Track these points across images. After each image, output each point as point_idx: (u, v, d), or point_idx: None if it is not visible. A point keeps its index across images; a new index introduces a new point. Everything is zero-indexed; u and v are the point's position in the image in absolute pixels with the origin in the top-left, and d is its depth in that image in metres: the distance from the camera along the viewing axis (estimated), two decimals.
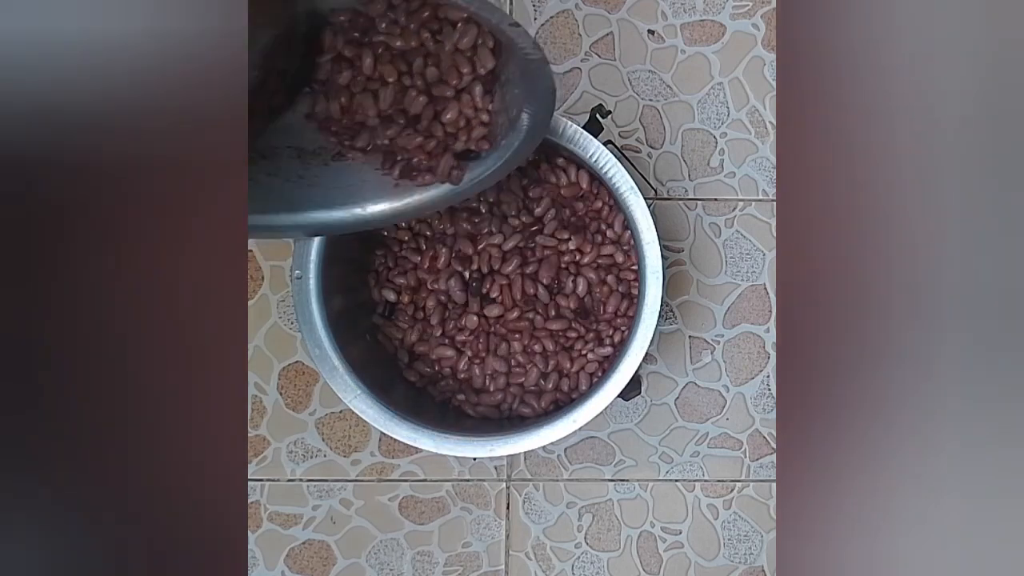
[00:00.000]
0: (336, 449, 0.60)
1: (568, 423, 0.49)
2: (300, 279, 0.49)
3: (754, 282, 0.60)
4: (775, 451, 0.59)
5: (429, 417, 0.51)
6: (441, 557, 0.60)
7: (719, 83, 0.60)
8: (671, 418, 0.60)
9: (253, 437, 0.60)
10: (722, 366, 0.60)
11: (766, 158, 0.60)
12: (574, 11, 0.60)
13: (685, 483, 0.60)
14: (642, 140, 0.60)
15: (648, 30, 0.60)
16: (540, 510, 0.60)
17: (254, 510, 0.60)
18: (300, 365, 0.60)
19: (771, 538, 0.60)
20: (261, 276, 0.60)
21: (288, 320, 0.60)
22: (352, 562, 0.60)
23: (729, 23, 0.60)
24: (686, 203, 0.60)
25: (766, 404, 0.60)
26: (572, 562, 0.60)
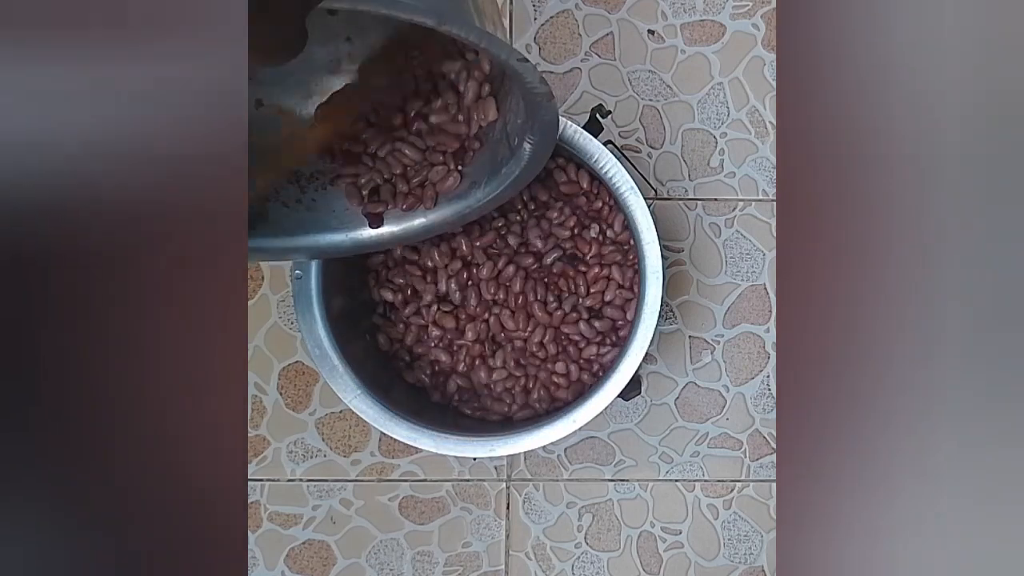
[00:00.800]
0: (336, 449, 0.60)
1: (568, 423, 0.49)
2: (300, 279, 0.50)
3: (754, 282, 0.60)
4: (775, 451, 0.59)
5: (429, 417, 0.51)
6: (441, 557, 0.60)
7: (719, 83, 0.60)
8: (671, 418, 0.60)
9: (253, 437, 0.60)
10: (722, 366, 0.60)
11: (766, 158, 0.60)
12: (574, 11, 0.60)
13: (685, 483, 0.60)
14: (642, 140, 0.60)
15: (648, 30, 0.60)
16: (540, 510, 0.60)
17: (254, 510, 0.60)
18: (300, 365, 0.60)
19: (771, 538, 0.60)
20: (261, 276, 0.60)
21: (288, 320, 0.60)
22: (352, 562, 0.60)
23: (729, 23, 0.60)
24: (686, 203, 0.60)
25: (766, 404, 0.60)
26: (572, 562, 0.60)
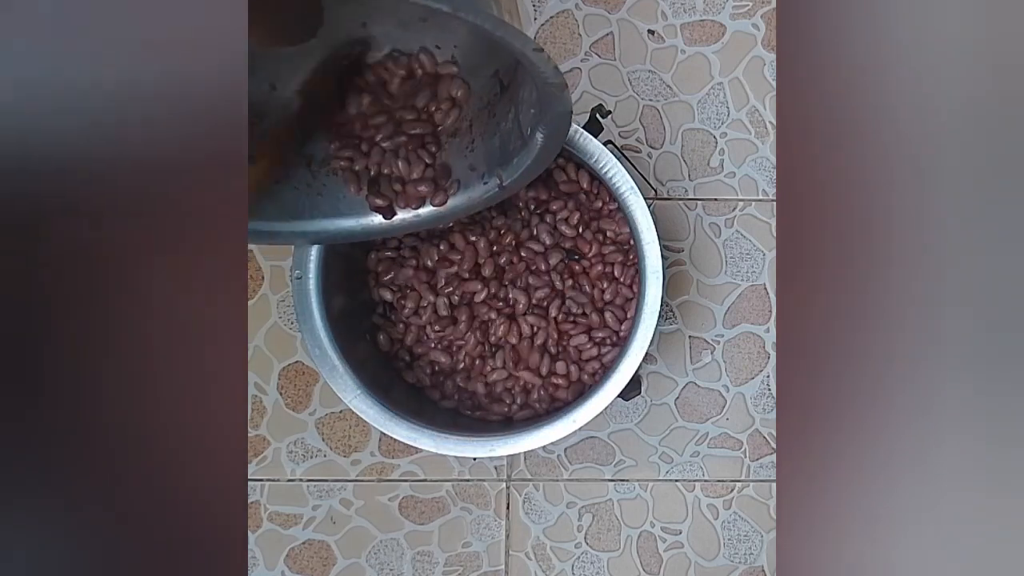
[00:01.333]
0: (336, 449, 0.60)
1: (568, 423, 0.49)
2: (300, 279, 0.50)
3: (754, 282, 0.60)
4: (775, 451, 0.59)
5: (429, 417, 0.51)
6: (441, 557, 0.60)
7: (719, 83, 0.60)
8: (671, 418, 0.60)
9: (253, 437, 0.60)
10: (722, 366, 0.60)
11: (766, 158, 0.60)
12: (574, 11, 0.60)
13: (685, 483, 0.60)
14: (642, 140, 0.60)
15: (648, 30, 0.60)
16: (540, 510, 0.60)
17: (254, 510, 0.60)
18: (300, 365, 0.60)
19: (771, 538, 0.60)
20: (261, 276, 0.60)
21: (288, 320, 0.60)
22: (352, 562, 0.60)
23: (729, 23, 0.60)
24: (686, 203, 0.60)
25: (766, 404, 0.60)
26: (572, 562, 0.60)
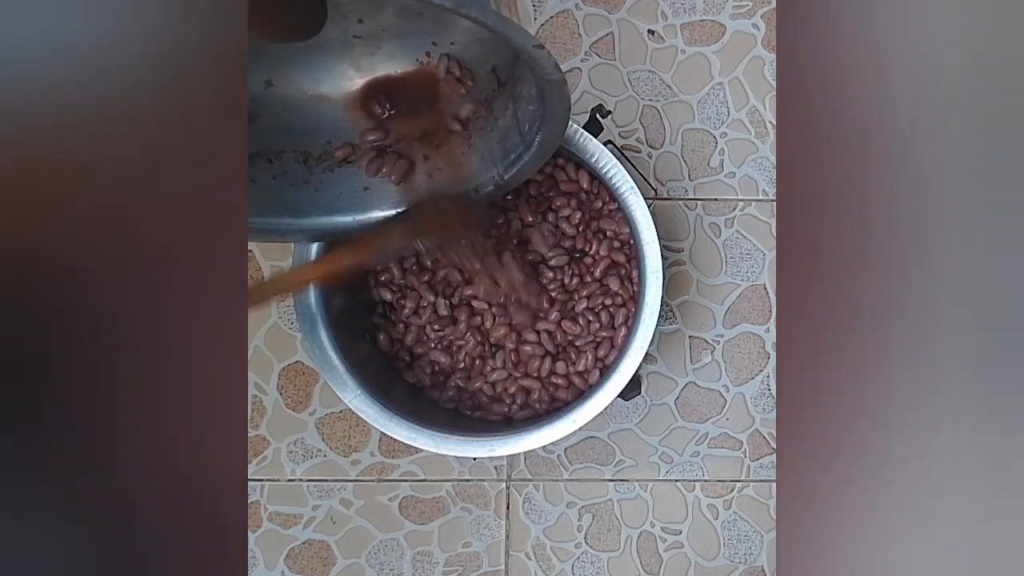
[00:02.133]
0: (336, 449, 0.60)
1: (568, 423, 0.49)
2: None
3: (754, 282, 0.60)
4: (775, 451, 0.59)
5: (429, 417, 0.51)
6: (441, 557, 0.60)
7: (719, 83, 0.60)
8: (671, 418, 0.60)
9: (253, 437, 0.60)
10: (722, 366, 0.60)
11: (766, 158, 0.60)
12: (574, 11, 0.60)
13: (685, 483, 0.60)
14: (642, 140, 0.60)
15: (648, 30, 0.60)
16: (540, 510, 0.60)
17: (254, 510, 0.60)
18: (300, 365, 0.60)
19: (771, 538, 0.60)
20: (261, 276, 0.60)
21: (288, 320, 0.60)
22: (352, 562, 0.60)
23: (729, 23, 0.60)
24: (686, 203, 0.60)
25: (766, 404, 0.60)
26: (572, 562, 0.60)
